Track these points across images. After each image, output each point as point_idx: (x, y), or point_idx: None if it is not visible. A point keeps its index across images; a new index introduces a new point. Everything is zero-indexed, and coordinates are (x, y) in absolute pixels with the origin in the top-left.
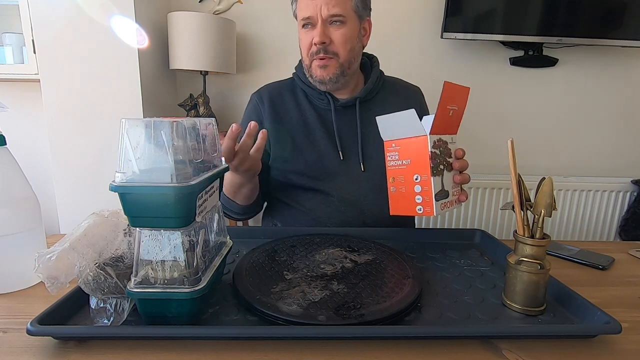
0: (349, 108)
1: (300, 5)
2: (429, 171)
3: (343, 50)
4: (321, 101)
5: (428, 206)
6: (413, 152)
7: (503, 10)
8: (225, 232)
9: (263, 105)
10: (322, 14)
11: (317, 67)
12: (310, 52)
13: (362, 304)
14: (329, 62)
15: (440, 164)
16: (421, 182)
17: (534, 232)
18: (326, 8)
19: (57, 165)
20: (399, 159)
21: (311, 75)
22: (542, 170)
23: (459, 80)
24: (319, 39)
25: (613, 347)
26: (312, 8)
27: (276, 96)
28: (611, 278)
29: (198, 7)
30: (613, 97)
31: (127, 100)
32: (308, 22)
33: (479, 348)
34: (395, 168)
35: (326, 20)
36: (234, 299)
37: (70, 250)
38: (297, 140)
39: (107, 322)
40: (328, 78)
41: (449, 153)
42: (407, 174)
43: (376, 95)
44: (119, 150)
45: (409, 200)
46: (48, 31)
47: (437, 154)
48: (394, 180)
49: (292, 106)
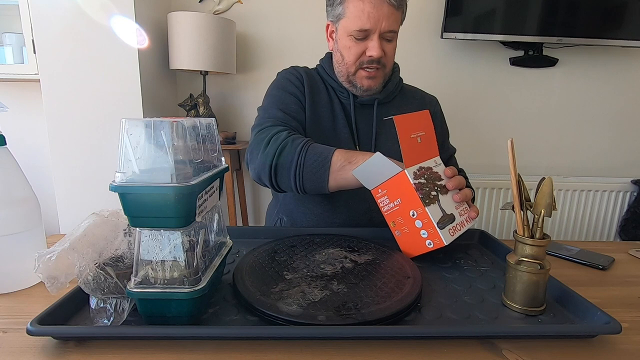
0: (367, 107)
1: (356, 14)
2: (421, 203)
3: (390, 63)
4: (342, 95)
5: (436, 238)
6: (399, 191)
7: (503, 11)
8: (225, 232)
9: (303, 78)
10: (382, 29)
11: (364, 77)
12: (360, 60)
13: (362, 304)
14: (377, 74)
15: (432, 191)
16: (419, 217)
17: (534, 232)
18: (387, 24)
19: (57, 165)
20: (390, 202)
21: (351, 81)
22: (542, 170)
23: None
24: (379, 54)
25: (613, 347)
26: (373, 21)
27: (311, 77)
28: (611, 278)
29: (198, 7)
30: (613, 97)
31: (127, 100)
32: (364, 33)
33: (479, 348)
34: (390, 212)
35: (382, 34)
36: (234, 299)
37: (70, 250)
38: (324, 124)
39: (107, 322)
40: (375, 88)
41: (437, 177)
42: (403, 214)
43: (393, 100)
44: (119, 150)
45: (416, 238)
46: (48, 31)
47: (423, 182)
48: (395, 224)
49: (323, 91)
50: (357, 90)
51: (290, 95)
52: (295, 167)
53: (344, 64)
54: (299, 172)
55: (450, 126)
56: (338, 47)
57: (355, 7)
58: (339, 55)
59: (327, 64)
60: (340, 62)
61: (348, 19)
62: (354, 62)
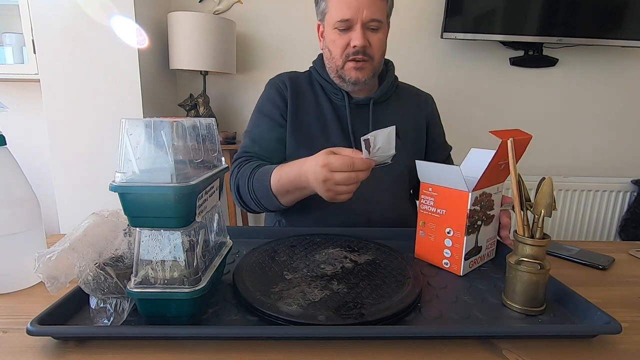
0: (363, 107)
1: (337, 6)
2: (464, 229)
3: (378, 54)
4: (336, 96)
5: (455, 264)
6: (450, 204)
7: (503, 11)
8: (225, 232)
9: (286, 89)
10: (363, 18)
11: (352, 69)
12: (345, 53)
13: (362, 304)
14: (365, 65)
15: (479, 220)
16: (453, 237)
17: (534, 232)
18: (368, 12)
19: (57, 165)
20: (433, 206)
21: (341, 75)
22: (542, 170)
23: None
24: (361, 42)
25: (613, 347)
26: (353, 10)
27: (296, 84)
28: (611, 278)
29: (198, 7)
30: (613, 97)
31: (127, 100)
32: (346, 24)
33: (479, 348)
34: (427, 213)
35: (365, 23)
36: (234, 299)
37: (70, 250)
38: (312, 131)
39: (107, 322)
40: (363, 80)
41: (490, 205)
42: (439, 224)
43: (389, 99)
44: (119, 150)
45: (437, 251)
46: (48, 31)
47: (477, 210)
48: (424, 225)
49: (310, 97)
50: (347, 85)
51: (265, 117)
52: (253, 200)
53: (332, 59)
54: (258, 202)
55: (450, 126)
56: (326, 43)
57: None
58: (327, 52)
59: (320, 64)
60: (329, 58)
61: (331, 13)
62: (341, 55)
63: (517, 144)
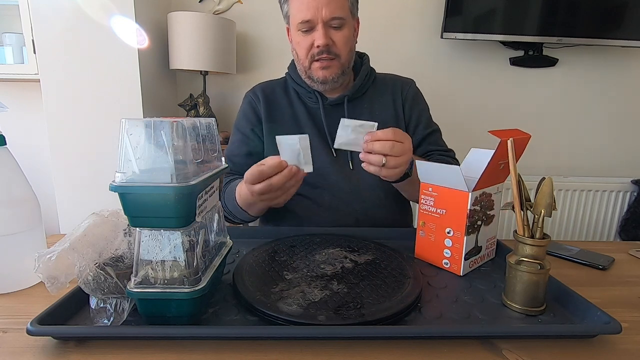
0: (338, 106)
1: (298, 8)
2: (464, 229)
3: (344, 52)
4: (310, 99)
5: (455, 264)
6: (450, 204)
7: (503, 11)
8: (225, 232)
9: (259, 101)
10: (323, 17)
11: (318, 69)
12: (310, 53)
13: (362, 304)
14: (331, 64)
15: (479, 220)
16: (453, 237)
17: (534, 232)
18: (328, 10)
19: (57, 165)
20: (433, 206)
21: (310, 76)
22: (542, 170)
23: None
24: (323, 42)
25: (613, 347)
26: (312, 11)
27: (270, 94)
28: (611, 278)
29: (198, 7)
30: (613, 97)
31: (127, 100)
32: (307, 24)
33: (479, 348)
34: (427, 213)
35: (327, 22)
36: (234, 299)
37: (70, 250)
38: None
39: (107, 322)
40: (331, 78)
41: (490, 205)
42: (439, 224)
43: (365, 93)
44: (119, 150)
45: (437, 251)
46: (48, 31)
47: (477, 210)
48: (424, 225)
49: (284, 104)
50: (317, 84)
51: (237, 132)
52: (229, 214)
53: (300, 60)
54: (233, 215)
55: (450, 126)
56: (293, 45)
57: (296, 1)
58: (295, 54)
59: (293, 69)
60: (297, 60)
61: (293, 15)
62: (306, 56)
63: (516, 144)
